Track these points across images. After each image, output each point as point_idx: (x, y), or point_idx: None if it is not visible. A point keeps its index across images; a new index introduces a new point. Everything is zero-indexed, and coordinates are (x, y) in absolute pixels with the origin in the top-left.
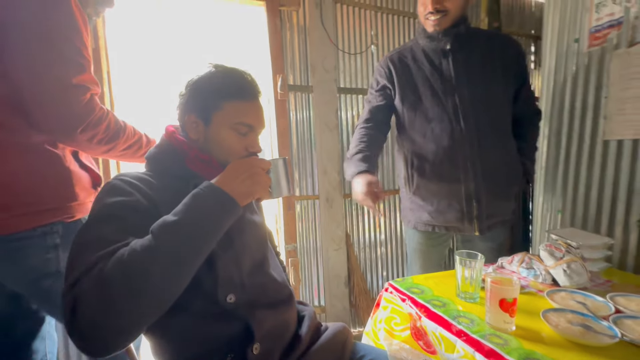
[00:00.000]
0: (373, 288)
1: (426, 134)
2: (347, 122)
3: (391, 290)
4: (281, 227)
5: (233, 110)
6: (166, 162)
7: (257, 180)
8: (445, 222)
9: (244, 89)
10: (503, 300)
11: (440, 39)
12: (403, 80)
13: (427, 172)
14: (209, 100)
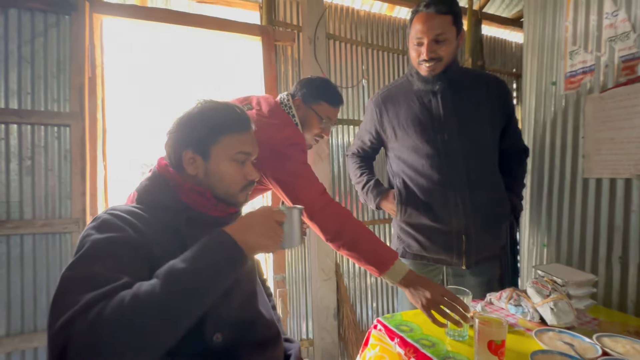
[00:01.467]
0: (363, 320)
1: (417, 169)
2: (338, 152)
3: (380, 328)
4: (270, 256)
5: (231, 142)
6: (158, 195)
7: (270, 234)
8: (434, 254)
9: (238, 121)
10: (491, 342)
11: (434, 82)
12: (393, 118)
13: (418, 205)
14: (206, 135)
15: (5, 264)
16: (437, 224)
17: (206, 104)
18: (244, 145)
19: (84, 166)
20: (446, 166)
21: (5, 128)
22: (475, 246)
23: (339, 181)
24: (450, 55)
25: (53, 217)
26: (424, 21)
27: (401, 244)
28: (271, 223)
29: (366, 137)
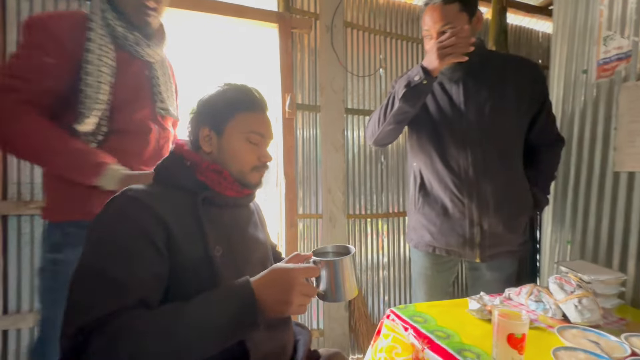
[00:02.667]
0: (374, 313)
1: (434, 157)
2: (353, 142)
3: (393, 318)
4: (282, 245)
5: (245, 120)
6: (174, 174)
7: (293, 298)
8: (446, 245)
9: (255, 101)
10: (511, 335)
11: (452, 71)
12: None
13: (433, 194)
14: (222, 112)
15: (29, 243)
16: (452, 215)
17: (226, 85)
18: (259, 125)
19: None
20: (463, 156)
21: None
22: (491, 239)
23: (353, 172)
24: None
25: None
26: (430, 14)
27: (415, 234)
28: (297, 284)
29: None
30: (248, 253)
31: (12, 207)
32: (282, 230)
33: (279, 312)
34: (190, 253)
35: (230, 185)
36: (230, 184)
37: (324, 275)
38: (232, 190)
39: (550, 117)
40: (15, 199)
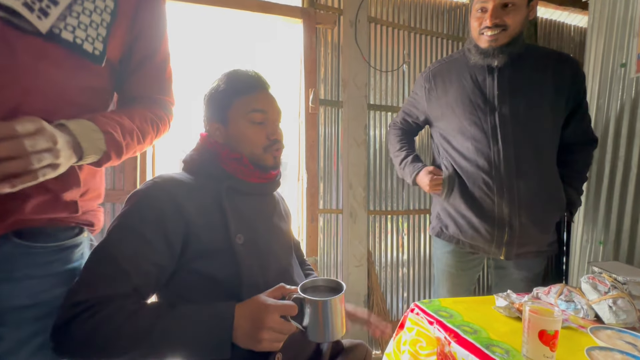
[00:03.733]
0: (392, 310)
1: (463, 151)
2: (375, 138)
3: (417, 312)
4: (303, 240)
5: (243, 103)
6: (201, 164)
7: (262, 335)
8: (471, 240)
9: (249, 83)
10: (543, 332)
11: (495, 55)
12: (442, 96)
13: (461, 189)
14: (221, 102)
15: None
16: (480, 212)
17: (220, 76)
18: (257, 103)
19: None
20: (494, 152)
21: None
22: (520, 239)
23: (374, 168)
24: (518, 25)
25: (109, 188)
26: None
27: (439, 223)
28: (270, 321)
29: (412, 112)
30: (271, 242)
31: None
32: (302, 224)
33: (249, 346)
34: (212, 241)
35: (252, 172)
36: (251, 171)
37: (309, 313)
38: (254, 177)
39: (586, 117)
40: None
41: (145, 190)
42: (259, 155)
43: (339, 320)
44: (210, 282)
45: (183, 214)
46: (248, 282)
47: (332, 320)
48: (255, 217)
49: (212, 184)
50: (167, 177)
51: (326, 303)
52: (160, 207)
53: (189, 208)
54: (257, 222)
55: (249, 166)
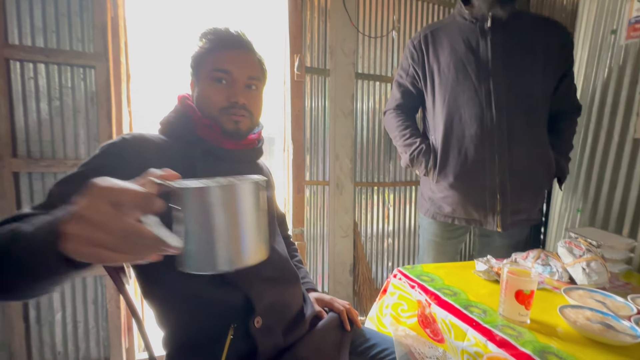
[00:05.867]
0: (377, 278)
1: (454, 120)
2: (362, 109)
3: (400, 277)
4: (289, 211)
5: (211, 60)
6: (176, 127)
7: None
8: (466, 215)
9: (221, 41)
10: (520, 292)
11: (484, 15)
12: (434, 62)
13: (452, 161)
14: (195, 60)
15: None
16: (471, 181)
17: (203, 33)
18: (222, 62)
19: (109, 109)
20: (487, 119)
21: (34, 67)
22: (512, 207)
23: (361, 140)
24: None
25: (82, 157)
26: None
27: (432, 205)
28: (93, 212)
29: (406, 84)
30: None
31: (23, 164)
32: (289, 196)
33: (100, 260)
34: None
35: (225, 139)
36: (224, 138)
37: (192, 219)
38: (230, 144)
39: (572, 86)
40: (25, 156)
41: (109, 143)
42: (216, 117)
43: (245, 230)
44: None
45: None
46: None
47: (226, 227)
48: None
49: (186, 148)
50: (137, 134)
51: (210, 191)
52: (119, 154)
53: (156, 166)
54: None
55: (219, 133)
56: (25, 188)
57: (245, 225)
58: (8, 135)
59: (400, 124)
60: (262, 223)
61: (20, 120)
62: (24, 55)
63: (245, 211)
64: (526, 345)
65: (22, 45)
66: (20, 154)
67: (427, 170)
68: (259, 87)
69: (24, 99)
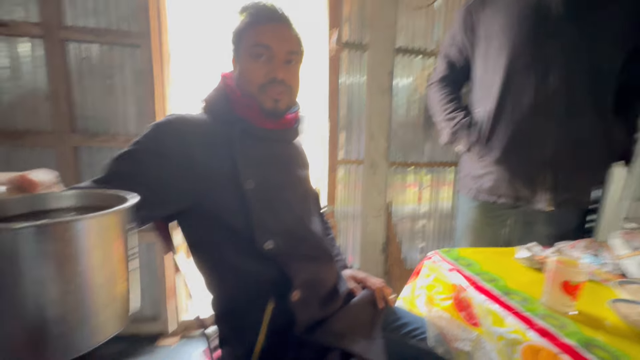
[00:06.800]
0: (408, 259)
1: (507, 89)
2: (400, 85)
3: (436, 260)
4: (322, 189)
5: (250, 35)
6: (217, 105)
7: None
8: (512, 192)
9: (259, 14)
10: (567, 282)
11: None
12: (488, 25)
13: (500, 134)
14: (235, 37)
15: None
16: (521, 155)
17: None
18: (262, 36)
19: (153, 87)
20: (546, 86)
21: (87, 47)
22: (564, 183)
23: (397, 120)
24: None
25: (131, 133)
26: None
27: (474, 183)
28: None
29: (452, 55)
30: (285, 190)
31: (82, 139)
32: (322, 174)
33: None
34: (221, 184)
35: (263, 118)
36: (263, 118)
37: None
38: (268, 123)
39: None
40: (83, 132)
41: (156, 123)
42: (255, 95)
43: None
44: (224, 224)
45: (188, 154)
46: (260, 226)
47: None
48: (269, 163)
49: (225, 127)
50: (180, 115)
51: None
52: (163, 140)
53: (197, 148)
54: (271, 168)
55: (258, 112)
56: (85, 161)
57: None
58: (68, 113)
59: (443, 97)
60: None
61: (77, 98)
62: (78, 36)
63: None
64: (570, 337)
65: (75, 26)
66: (79, 130)
67: (469, 145)
68: (297, 62)
69: (79, 79)
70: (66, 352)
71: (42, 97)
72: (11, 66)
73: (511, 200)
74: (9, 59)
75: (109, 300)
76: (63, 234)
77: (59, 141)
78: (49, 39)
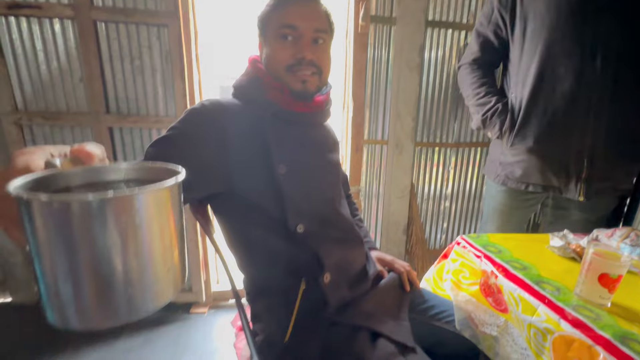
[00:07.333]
0: (431, 239)
1: (545, 73)
2: (430, 62)
3: (464, 245)
4: (347, 170)
5: (277, 16)
6: (248, 90)
7: None
8: (543, 181)
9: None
10: (605, 275)
11: None
12: (528, 3)
13: (535, 121)
14: (262, 20)
15: (131, 154)
16: (556, 144)
17: None
18: (288, 17)
19: (182, 68)
20: (588, 71)
21: (116, 27)
22: (600, 173)
23: (425, 96)
24: None
25: (162, 114)
26: None
27: (503, 170)
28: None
29: (487, 34)
30: (316, 174)
31: (115, 120)
32: (346, 154)
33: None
34: (254, 169)
35: (294, 101)
36: (293, 101)
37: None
38: (299, 106)
39: None
40: (116, 113)
41: (191, 108)
42: (282, 77)
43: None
44: (256, 208)
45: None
46: (291, 209)
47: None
48: (301, 147)
49: (257, 112)
50: (214, 100)
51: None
52: (198, 125)
53: (230, 133)
54: (302, 152)
55: (289, 96)
56: (119, 141)
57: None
58: (101, 94)
59: (475, 81)
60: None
61: (109, 79)
62: (107, 16)
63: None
64: (605, 329)
65: (105, 6)
66: (112, 111)
67: (501, 132)
68: (326, 41)
69: (110, 59)
70: (130, 314)
71: (77, 79)
72: (45, 48)
73: (540, 190)
74: (42, 41)
75: (167, 267)
76: (132, 204)
77: (95, 121)
78: (79, 19)
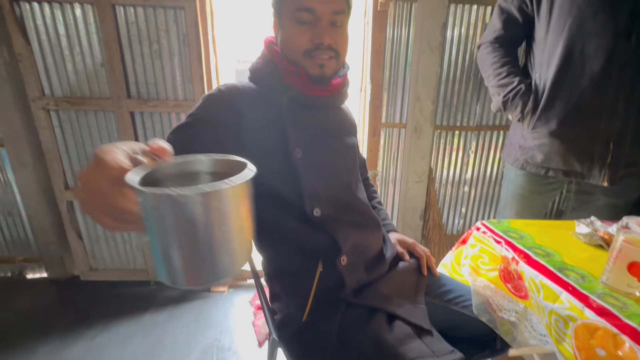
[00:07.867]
0: (448, 224)
1: (573, 53)
2: (453, 40)
3: (484, 230)
4: (364, 153)
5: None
6: (264, 73)
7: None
8: (565, 166)
9: None
10: (635, 263)
11: None
12: None
13: (559, 104)
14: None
15: (152, 137)
16: (580, 127)
17: None
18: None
19: (199, 51)
20: (620, 50)
21: (134, 11)
22: (627, 158)
23: (447, 78)
24: None
25: (180, 98)
26: None
27: (523, 154)
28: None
29: (510, 10)
30: (333, 158)
31: (136, 104)
32: (363, 138)
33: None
34: (270, 153)
35: (311, 85)
36: (310, 85)
37: (148, 226)
38: (316, 90)
39: None
40: (137, 97)
41: (208, 94)
42: (300, 62)
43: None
44: (274, 191)
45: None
46: (308, 193)
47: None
48: (317, 131)
49: (274, 95)
50: (230, 85)
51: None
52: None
53: (247, 118)
54: (319, 136)
55: (306, 80)
56: (140, 125)
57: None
58: (122, 79)
59: (496, 61)
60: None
61: (129, 63)
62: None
63: (214, 225)
64: (632, 318)
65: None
66: (133, 95)
67: (522, 115)
68: (344, 22)
69: (129, 43)
70: (220, 275)
71: (98, 64)
72: (67, 33)
73: (561, 175)
74: (64, 26)
75: (246, 240)
76: (233, 192)
77: (117, 106)
78: (99, 3)
